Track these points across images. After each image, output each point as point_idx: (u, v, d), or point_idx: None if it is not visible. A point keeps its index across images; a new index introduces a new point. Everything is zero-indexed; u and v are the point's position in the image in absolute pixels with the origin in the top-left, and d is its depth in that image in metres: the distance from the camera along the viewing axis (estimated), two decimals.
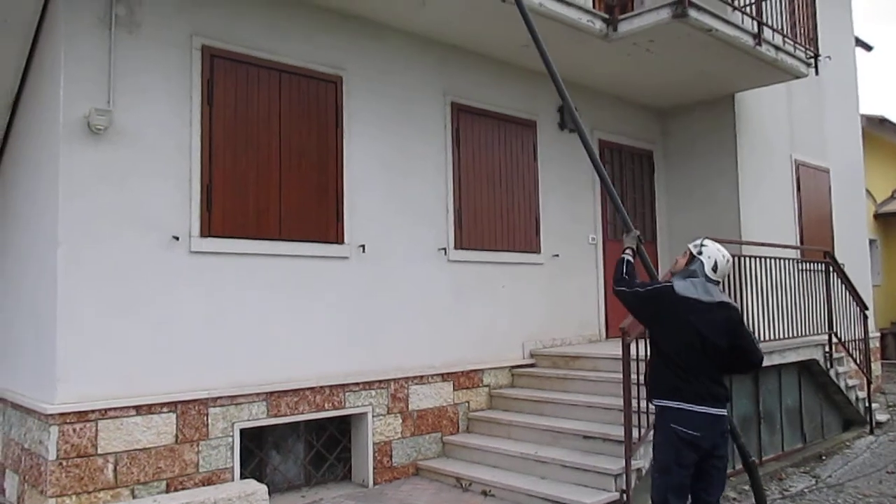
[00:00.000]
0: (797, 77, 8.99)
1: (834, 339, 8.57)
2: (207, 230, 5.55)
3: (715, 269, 4.10)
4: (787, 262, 8.13)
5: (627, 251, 4.62)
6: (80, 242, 4.98)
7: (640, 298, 4.18)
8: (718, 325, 3.95)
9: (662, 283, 4.29)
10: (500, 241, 7.72)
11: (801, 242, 10.36)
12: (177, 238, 5.41)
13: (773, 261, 7.85)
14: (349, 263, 6.42)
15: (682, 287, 4.03)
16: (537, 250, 8.13)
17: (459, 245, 7.30)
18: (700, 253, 4.17)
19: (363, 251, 6.50)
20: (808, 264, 8.81)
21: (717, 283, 4.13)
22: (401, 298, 6.79)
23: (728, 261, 4.17)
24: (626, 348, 5.62)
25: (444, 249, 7.17)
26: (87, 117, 5.04)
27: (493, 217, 7.67)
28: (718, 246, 4.18)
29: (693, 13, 7.04)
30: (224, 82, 5.74)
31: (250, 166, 5.84)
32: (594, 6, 7.65)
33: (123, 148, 5.22)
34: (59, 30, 5.13)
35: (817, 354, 8.23)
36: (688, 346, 3.94)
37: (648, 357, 4.36)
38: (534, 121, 8.21)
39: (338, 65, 6.46)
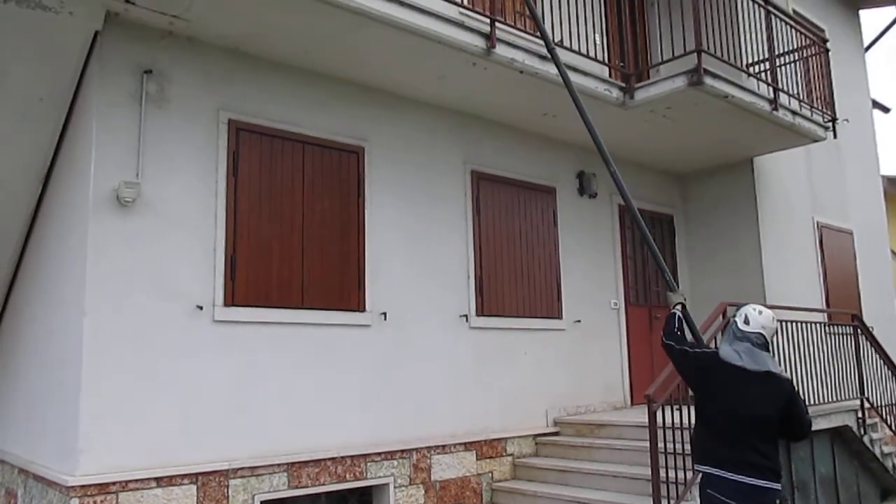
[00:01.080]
0: (815, 141, 9.04)
1: (866, 405, 8.35)
2: (231, 299, 5.60)
3: (747, 322, 4.02)
4: (814, 325, 8.00)
5: (677, 307, 4.58)
6: (105, 313, 5.04)
7: (686, 358, 4.14)
8: (763, 397, 3.83)
9: (708, 348, 4.23)
10: (521, 307, 7.70)
11: (828, 305, 10.22)
12: (200, 307, 5.46)
13: (799, 325, 7.73)
14: (371, 331, 6.42)
15: (728, 353, 3.95)
16: (559, 316, 8.08)
17: (481, 311, 7.28)
18: (734, 315, 4.13)
19: (385, 319, 6.51)
20: (835, 327, 8.66)
21: (767, 348, 4.02)
22: (422, 366, 6.75)
23: (761, 313, 4.05)
24: (652, 416, 5.51)
25: (466, 316, 7.16)
26: (116, 190, 5.17)
27: (515, 283, 7.67)
28: (756, 305, 4.13)
29: (708, 80, 7.15)
30: (249, 154, 5.88)
31: (274, 235, 5.92)
32: (610, 75, 7.81)
33: (150, 219, 5.33)
34: (92, 105, 5.31)
35: (850, 420, 8.01)
36: (728, 414, 3.85)
37: (693, 421, 4.28)
38: (553, 187, 8.28)
39: (360, 135, 6.60)
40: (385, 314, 6.52)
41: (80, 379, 4.91)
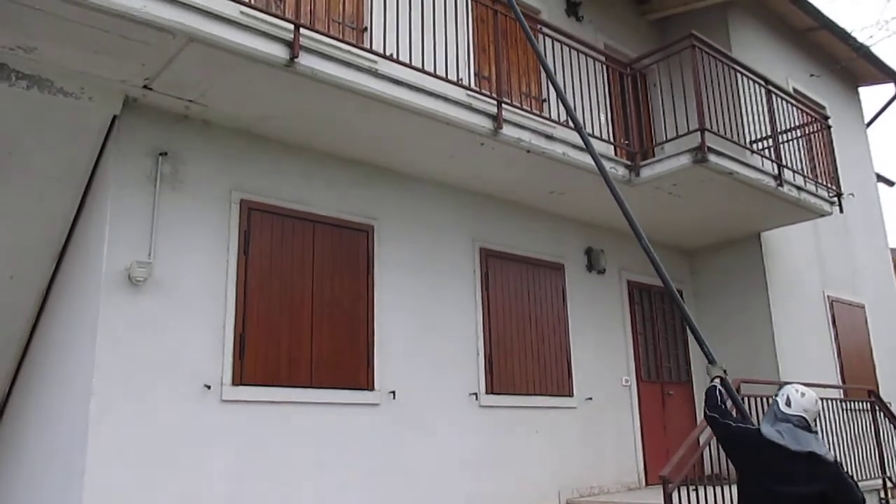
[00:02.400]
0: (822, 216, 9.09)
1: (889, 484, 8.11)
2: (239, 378, 5.57)
3: (788, 403, 3.96)
4: (829, 402, 7.86)
5: (716, 380, 4.52)
6: (112, 394, 5.01)
7: (729, 432, 4.07)
8: (806, 478, 3.72)
9: (750, 425, 4.16)
10: (531, 384, 7.61)
11: (843, 381, 10.05)
12: (208, 387, 5.42)
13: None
14: (379, 410, 6.34)
15: (769, 432, 3.89)
16: (570, 393, 7.97)
17: (491, 389, 7.20)
18: (777, 394, 4.08)
19: (393, 397, 6.44)
20: (852, 403, 8.51)
21: (810, 429, 3.94)
22: (432, 446, 6.63)
23: (804, 395, 3.98)
24: (667, 497, 5.37)
25: (476, 394, 7.08)
26: (128, 269, 5.22)
27: (524, 361, 7.60)
28: (798, 385, 4.07)
29: (713, 158, 7.26)
30: (260, 233, 5.95)
31: (283, 314, 5.93)
32: (616, 154, 7.94)
33: (161, 298, 5.36)
34: (107, 186, 5.42)
35: (872, 501, 7.77)
36: (770, 494, 3.75)
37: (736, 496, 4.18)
38: (562, 263, 8.31)
39: (369, 214, 6.69)
40: (394, 393, 6.45)
41: (85, 461, 4.84)
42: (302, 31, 5.27)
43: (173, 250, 5.49)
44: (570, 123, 7.13)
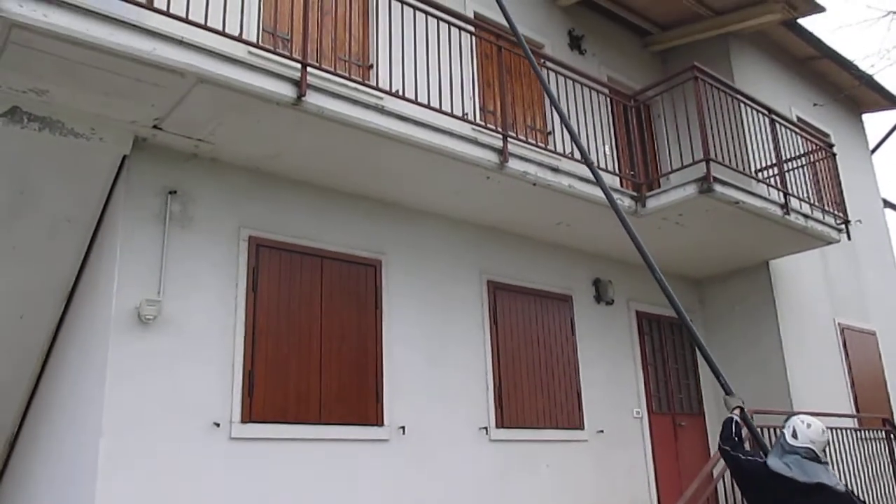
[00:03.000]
0: (829, 243, 9.07)
1: None
2: (248, 416, 5.55)
3: (795, 435, 3.93)
4: (843, 432, 7.77)
5: (735, 411, 4.50)
6: (121, 432, 5.00)
7: (739, 464, 4.07)
8: None
9: (758, 457, 4.14)
10: (542, 418, 7.55)
11: (857, 409, 9.94)
12: (217, 424, 5.40)
13: (829, 431, 7.50)
14: (389, 446, 6.30)
15: (776, 464, 3.86)
16: (581, 426, 7.90)
17: (501, 424, 7.15)
18: (783, 426, 4.06)
19: (403, 433, 6.40)
20: (866, 432, 8.40)
21: (819, 460, 3.90)
22: (442, 482, 6.56)
23: (810, 426, 3.96)
24: None
25: (486, 428, 7.02)
26: (137, 308, 5.24)
27: (534, 393, 7.55)
28: (805, 416, 4.05)
29: (718, 188, 7.28)
30: (268, 270, 5.97)
31: (292, 350, 5.92)
32: (622, 185, 7.96)
33: (170, 336, 5.37)
34: (117, 225, 5.46)
35: None
36: None
37: None
38: (570, 295, 8.29)
39: (377, 249, 6.71)
40: (403, 428, 6.41)
41: (94, 500, 4.81)
42: (309, 69, 5.35)
43: (182, 288, 5.51)
44: (576, 156, 7.20)
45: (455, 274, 7.29)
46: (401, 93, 6.04)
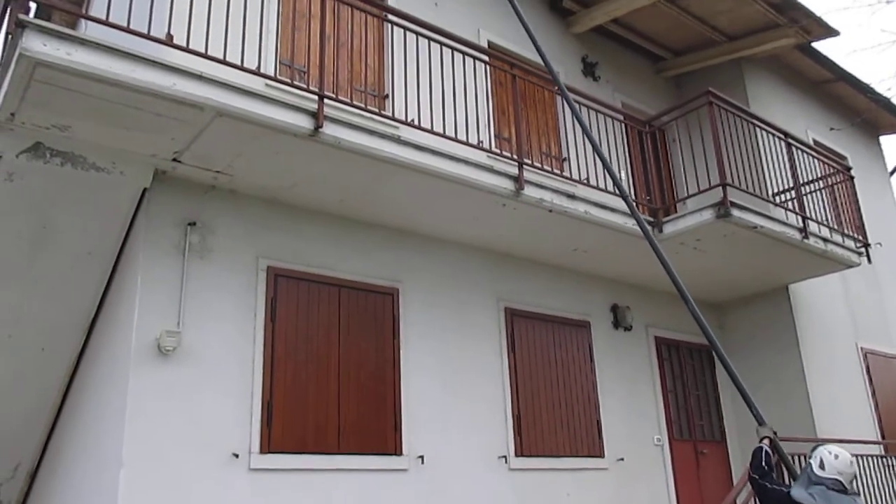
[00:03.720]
0: (850, 266, 8.98)
1: None
2: (267, 446, 5.55)
3: (822, 466, 3.88)
4: (868, 459, 7.63)
5: (765, 441, 4.47)
6: (141, 464, 5.01)
7: (764, 492, 4.07)
8: None
9: (783, 486, 4.10)
10: (561, 446, 7.48)
11: (882, 436, 9.76)
12: (237, 455, 5.40)
13: (855, 459, 7.37)
14: (408, 476, 6.26)
15: (801, 495, 3.81)
16: (601, 454, 7.81)
17: (520, 452, 7.08)
18: (810, 456, 4.02)
19: (422, 462, 6.35)
20: (893, 459, 8.24)
21: (846, 492, 3.85)
22: None
23: (838, 457, 3.92)
24: None
25: (505, 457, 6.96)
26: (157, 339, 5.27)
27: (553, 421, 7.49)
28: (832, 447, 4.01)
29: (736, 213, 7.24)
30: (286, 299, 6.00)
31: (310, 380, 5.93)
32: (639, 210, 7.93)
33: (189, 367, 5.39)
34: (137, 258, 5.52)
35: None
36: None
37: None
38: (588, 321, 8.25)
39: (394, 277, 6.72)
40: (422, 458, 6.37)
41: None
42: (325, 101, 5.41)
43: (202, 319, 5.55)
44: (592, 182, 7.21)
45: (472, 301, 7.28)
46: (416, 122, 6.10)
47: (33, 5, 5.19)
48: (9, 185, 5.26)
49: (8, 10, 4.80)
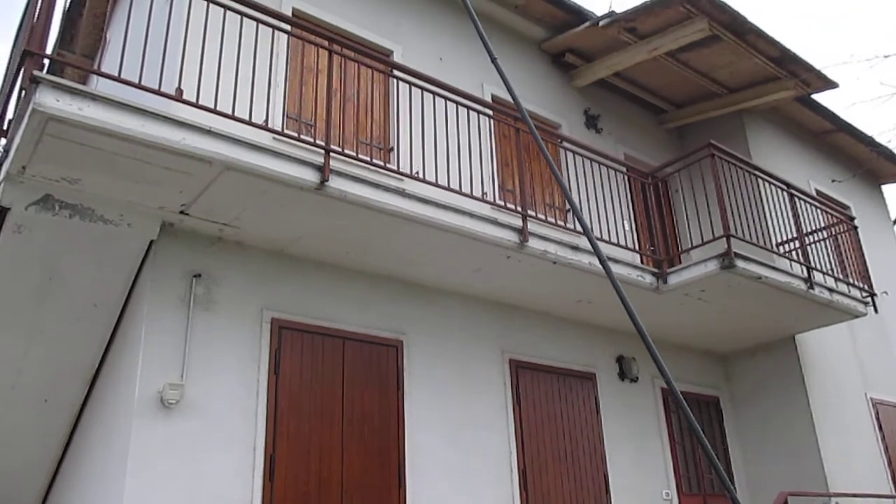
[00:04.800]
0: (856, 316, 8.94)
1: None
2: (269, 501, 5.46)
3: None
4: None
5: None
6: None
7: None
8: None
9: None
10: (568, 500, 7.35)
11: (895, 488, 9.58)
12: None
13: None
14: None
15: None
16: None
17: None
18: None
19: None
20: None
21: None
22: None
23: None
24: None
25: None
26: (160, 392, 5.24)
27: (560, 476, 7.37)
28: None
29: (740, 263, 7.25)
30: (290, 352, 5.98)
31: (314, 433, 5.87)
32: (642, 261, 7.96)
33: (192, 420, 5.35)
34: (142, 310, 5.52)
35: None
36: None
37: None
38: (593, 373, 8.19)
39: (398, 329, 6.71)
40: None
41: None
42: (332, 154, 5.48)
43: (205, 371, 5.53)
44: (595, 234, 7.24)
45: (477, 353, 7.25)
46: (421, 174, 6.17)
47: (47, 61, 5.30)
48: (17, 237, 5.30)
49: (23, 67, 4.90)
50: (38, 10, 4.78)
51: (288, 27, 6.08)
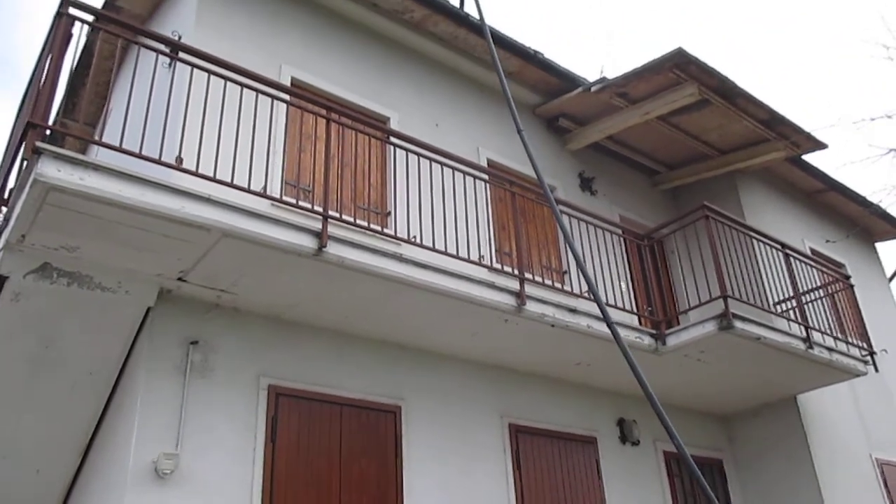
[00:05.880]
0: (857, 376, 8.89)
1: None
2: None
3: None
4: None
5: None
6: None
7: None
8: None
9: None
10: None
11: None
12: None
13: None
14: None
15: None
16: None
17: None
18: None
19: None
20: None
21: None
22: None
23: None
24: None
25: None
26: (155, 462, 5.15)
27: None
28: None
29: (738, 324, 7.24)
30: (287, 419, 5.90)
31: (311, 502, 5.74)
32: (640, 322, 7.95)
33: (186, 490, 5.24)
34: (138, 378, 5.47)
35: None
36: None
37: None
38: (594, 436, 8.08)
39: (397, 395, 6.64)
40: None
41: None
42: (329, 220, 5.52)
43: (201, 440, 5.45)
44: (592, 296, 7.24)
45: (476, 418, 7.16)
46: (418, 239, 6.20)
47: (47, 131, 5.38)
48: (14, 305, 5.29)
49: (26, 138, 4.96)
50: (42, 81, 4.88)
51: (287, 97, 6.22)
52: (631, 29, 36.57)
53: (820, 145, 9.94)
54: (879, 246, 13.72)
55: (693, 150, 10.28)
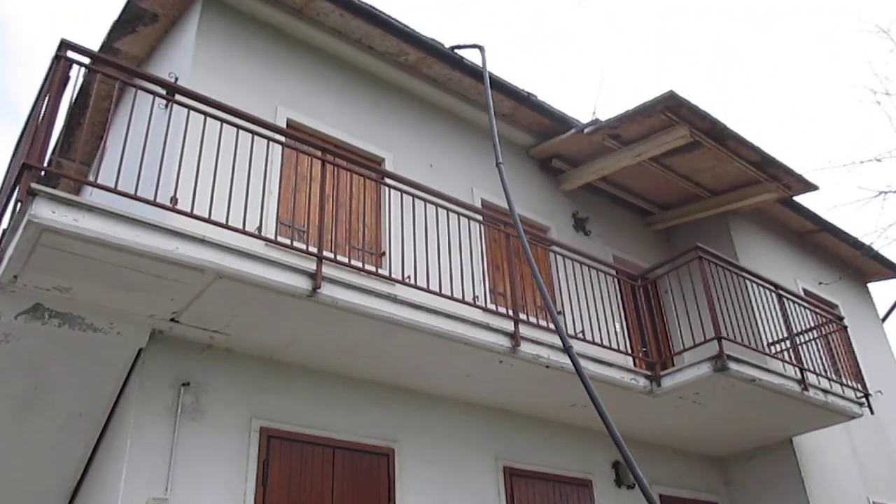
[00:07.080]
0: (852, 418, 8.84)
1: None
2: None
3: None
4: None
5: None
6: None
7: None
8: None
9: None
10: None
11: None
12: None
13: None
14: None
15: None
16: None
17: None
18: None
19: None
20: None
21: None
22: None
23: None
24: None
25: None
26: None
27: None
28: None
29: (733, 366, 7.22)
30: (279, 462, 5.82)
31: None
32: (635, 364, 7.92)
33: None
34: (128, 420, 5.39)
35: None
36: None
37: None
38: (589, 479, 7.97)
39: (390, 437, 6.57)
40: None
41: None
42: (324, 261, 5.51)
43: (191, 484, 5.35)
44: (586, 336, 7.23)
45: (470, 461, 7.06)
46: (412, 279, 6.19)
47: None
48: (4, 346, 5.24)
49: (21, 179, 4.96)
50: (38, 122, 4.89)
51: (283, 138, 6.25)
52: (624, 67, 37.14)
53: (811, 187, 10.03)
54: (872, 286, 13.79)
55: (686, 191, 10.36)
